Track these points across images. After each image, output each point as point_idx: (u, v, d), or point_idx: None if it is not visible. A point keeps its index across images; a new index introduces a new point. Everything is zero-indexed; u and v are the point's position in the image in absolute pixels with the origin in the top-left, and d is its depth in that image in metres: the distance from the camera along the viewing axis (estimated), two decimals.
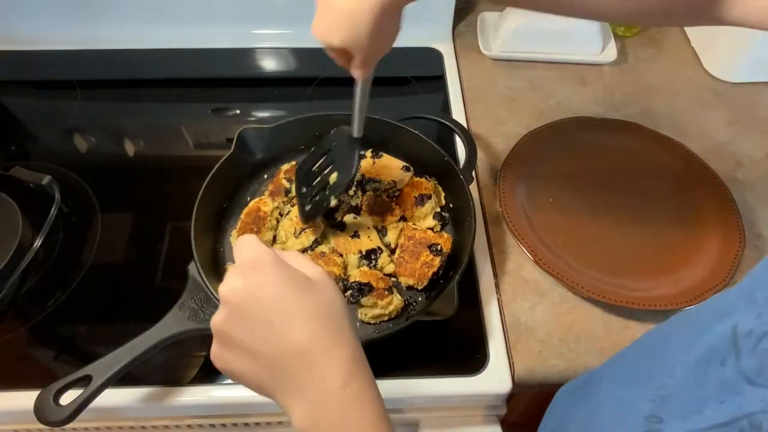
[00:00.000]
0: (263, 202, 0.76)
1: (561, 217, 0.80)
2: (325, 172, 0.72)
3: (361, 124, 0.68)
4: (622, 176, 0.84)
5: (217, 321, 0.42)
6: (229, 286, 0.41)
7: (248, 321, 0.40)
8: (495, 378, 0.67)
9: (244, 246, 0.43)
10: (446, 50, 1.06)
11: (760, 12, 0.50)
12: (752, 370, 0.32)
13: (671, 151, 0.87)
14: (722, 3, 0.51)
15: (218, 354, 0.42)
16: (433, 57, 1.06)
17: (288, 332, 0.40)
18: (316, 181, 0.73)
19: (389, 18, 0.51)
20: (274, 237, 0.75)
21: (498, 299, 0.74)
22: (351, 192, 0.78)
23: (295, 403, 0.40)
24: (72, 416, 0.55)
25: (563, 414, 0.58)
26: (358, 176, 0.80)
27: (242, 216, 0.75)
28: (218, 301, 0.63)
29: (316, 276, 0.43)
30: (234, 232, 0.75)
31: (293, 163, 0.82)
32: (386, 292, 0.68)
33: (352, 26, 0.51)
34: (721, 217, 0.78)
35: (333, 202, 0.71)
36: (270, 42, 1.06)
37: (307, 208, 0.72)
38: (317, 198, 0.72)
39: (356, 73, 0.58)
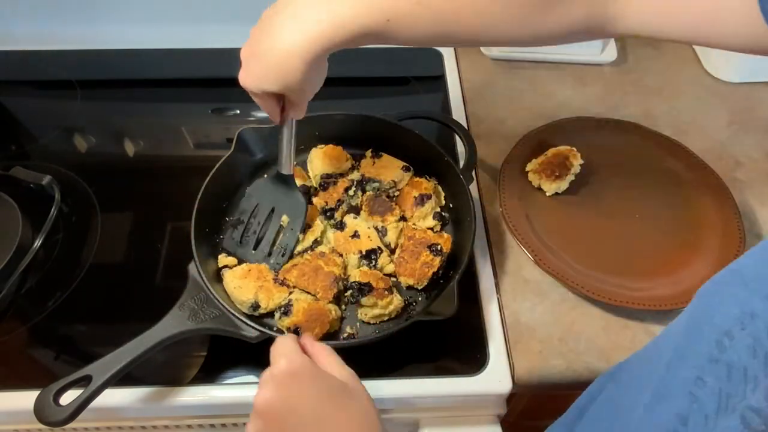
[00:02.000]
0: (573, 153, 0.80)
1: (561, 217, 0.80)
2: (269, 224, 0.73)
3: (290, 161, 0.71)
4: (622, 176, 0.84)
5: (251, 430, 0.46)
6: (265, 398, 0.44)
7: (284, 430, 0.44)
8: (495, 378, 0.67)
9: (281, 350, 0.47)
10: (446, 50, 1.06)
11: (653, 18, 0.53)
12: None
13: (671, 151, 0.87)
14: (614, 18, 0.54)
15: None
16: (433, 57, 1.06)
17: None
18: (263, 235, 0.73)
19: (317, 64, 0.55)
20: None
21: (498, 299, 0.74)
22: (351, 192, 0.78)
23: None
24: (72, 416, 0.55)
25: None
26: (357, 176, 0.80)
27: (549, 153, 0.82)
28: (219, 302, 0.64)
29: (351, 382, 0.47)
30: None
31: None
32: (386, 292, 0.67)
33: (285, 73, 0.54)
34: (721, 217, 0.78)
35: (301, 237, 0.73)
36: None
37: (273, 261, 0.72)
38: (280, 246, 0.73)
39: (293, 113, 0.64)
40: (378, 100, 1.02)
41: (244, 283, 0.68)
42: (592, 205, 0.81)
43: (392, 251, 0.74)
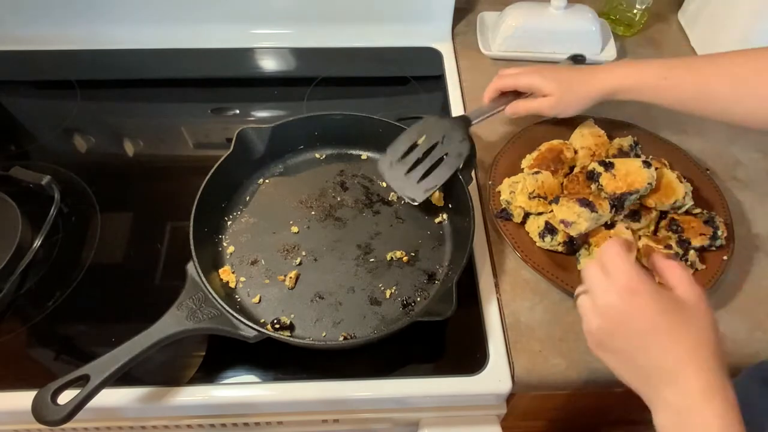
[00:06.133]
0: (566, 147, 0.82)
1: None
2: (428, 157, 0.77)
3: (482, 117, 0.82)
4: None
5: (594, 327, 0.50)
6: (609, 303, 0.49)
7: (623, 338, 0.48)
8: (495, 378, 0.67)
9: (617, 262, 0.49)
10: (446, 50, 1.06)
11: None
12: None
13: (668, 153, 0.87)
14: None
15: (595, 350, 0.51)
16: (433, 57, 1.06)
17: (656, 354, 0.47)
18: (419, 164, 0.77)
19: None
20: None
21: (498, 299, 0.73)
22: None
23: (659, 409, 0.46)
24: (70, 416, 0.55)
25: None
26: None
27: (542, 148, 0.82)
28: (217, 302, 0.63)
29: (691, 299, 0.48)
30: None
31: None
32: None
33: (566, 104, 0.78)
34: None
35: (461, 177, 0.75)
36: (270, 42, 1.06)
37: (423, 188, 0.75)
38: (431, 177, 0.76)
39: (523, 108, 0.81)
40: (378, 100, 1.02)
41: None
42: None
43: None
